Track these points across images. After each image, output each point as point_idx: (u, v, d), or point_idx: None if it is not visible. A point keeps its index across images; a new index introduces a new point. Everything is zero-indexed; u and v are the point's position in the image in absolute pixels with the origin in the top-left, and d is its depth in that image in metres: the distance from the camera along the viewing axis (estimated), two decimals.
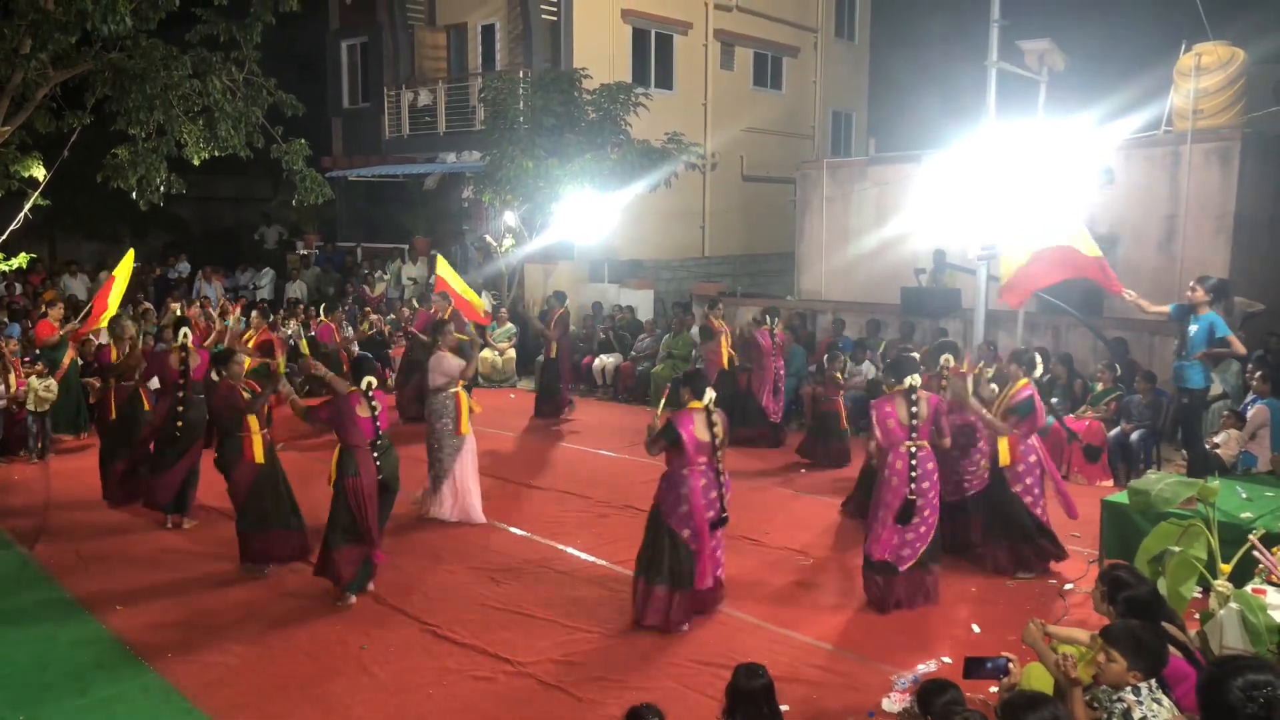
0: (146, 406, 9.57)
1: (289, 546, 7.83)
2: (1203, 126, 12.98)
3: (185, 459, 8.76)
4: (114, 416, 9.58)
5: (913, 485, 6.71)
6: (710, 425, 6.56)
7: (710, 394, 6.64)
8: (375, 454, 7.09)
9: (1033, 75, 12.12)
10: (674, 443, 6.52)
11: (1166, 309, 8.77)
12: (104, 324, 10.92)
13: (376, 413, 7.08)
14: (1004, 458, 7.58)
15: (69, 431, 12.10)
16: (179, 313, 14.08)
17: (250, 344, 12.20)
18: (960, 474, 7.95)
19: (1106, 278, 8.82)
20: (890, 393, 6.93)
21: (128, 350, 9.59)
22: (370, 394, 7.07)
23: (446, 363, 9.00)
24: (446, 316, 13.02)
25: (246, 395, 7.73)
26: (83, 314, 12.09)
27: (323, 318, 15.18)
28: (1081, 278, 9.17)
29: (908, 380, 6.75)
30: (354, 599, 7.08)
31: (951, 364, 8.18)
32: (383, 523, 7.34)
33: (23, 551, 8.25)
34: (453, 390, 8.93)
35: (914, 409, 6.71)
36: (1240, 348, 8.23)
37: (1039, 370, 7.76)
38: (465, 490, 8.97)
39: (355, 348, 14.56)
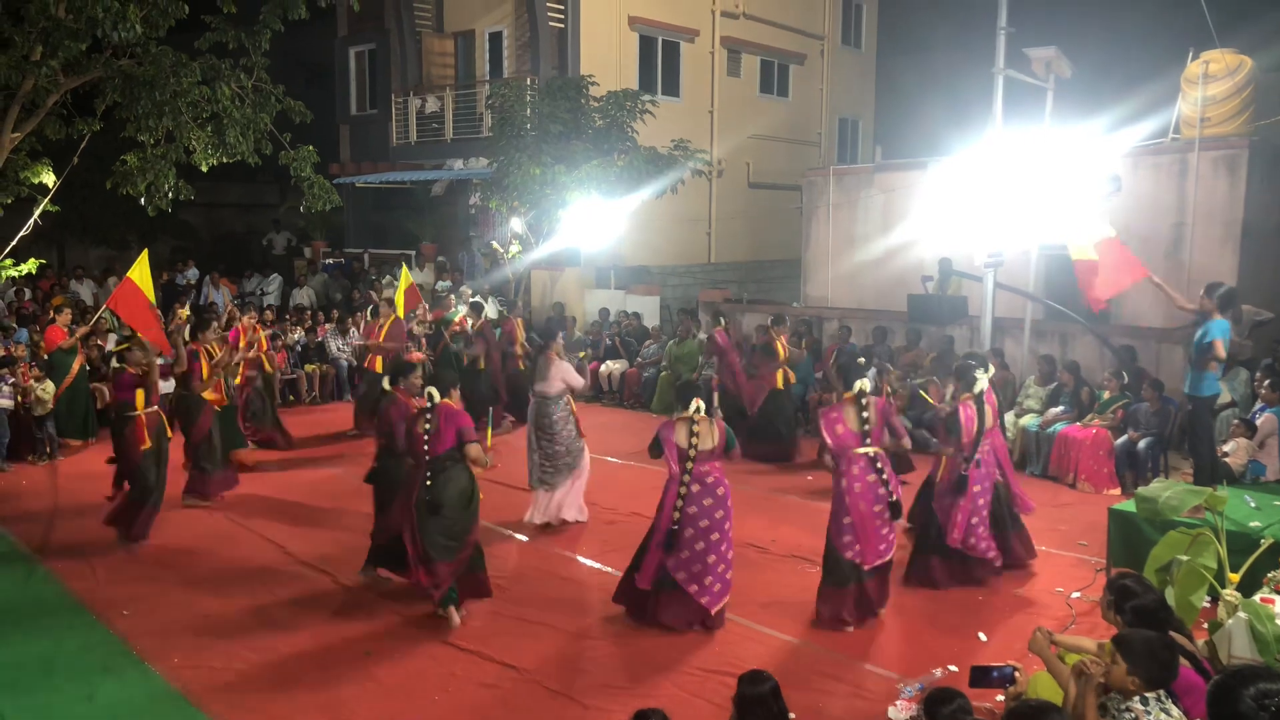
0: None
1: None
2: (1210, 134, 12.96)
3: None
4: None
5: (887, 487, 6.68)
6: (691, 434, 6.62)
7: (696, 404, 6.73)
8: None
9: (1039, 83, 12.12)
10: (658, 452, 6.75)
11: (1193, 308, 8.69)
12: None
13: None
14: (939, 472, 7.67)
15: (77, 436, 12.12)
16: (186, 318, 14.10)
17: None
18: None
19: (1134, 267, 8.97)
20: (839, 401, 6.94)
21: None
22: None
23: (569, 370, 9.19)
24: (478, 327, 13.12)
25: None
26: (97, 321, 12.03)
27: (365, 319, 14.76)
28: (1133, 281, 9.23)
29: (857, 386, 6.76)
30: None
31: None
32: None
33: (30, 555, 8.27)
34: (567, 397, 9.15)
35: (865, 414, 6.72)
36: (1220, 353, 8.18)
37: (980, 385, 7.48)
38: (577, 491, 9.16)
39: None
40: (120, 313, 11.37)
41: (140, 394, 8.51)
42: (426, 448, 6.68)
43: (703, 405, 6.80)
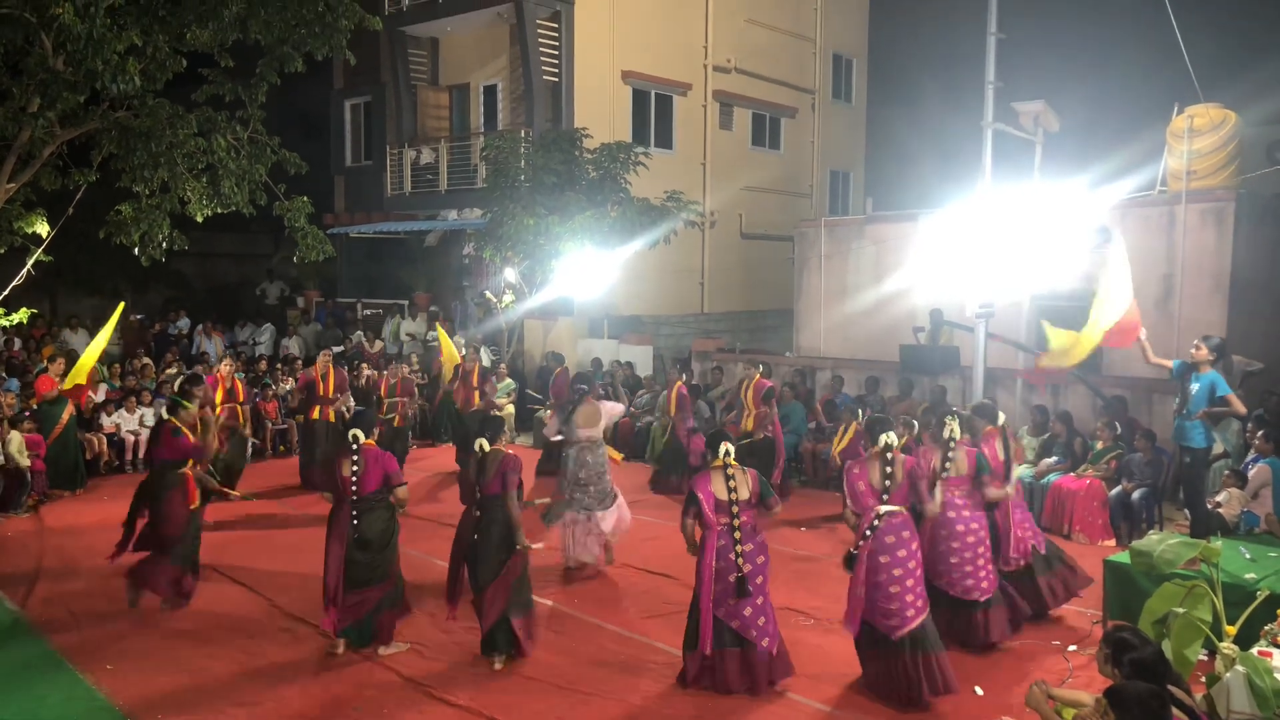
0: None
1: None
2: (1197, 187, 13.10)
3: None
4: None
5: (867, 536, 6.34)
6: (728, 482, 6.47)
7: (726, 449, 6.56)
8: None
9: (1028, 136, 12.28)
10: (696, 509, 6.48)
11: (1169, 364, 8.78)
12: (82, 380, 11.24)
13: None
14: None
15: (66, 487, 12.02)
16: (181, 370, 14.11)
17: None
18: None
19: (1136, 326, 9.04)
20: (865, 455, 6.68)
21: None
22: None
23: (612, 406, 9.80)
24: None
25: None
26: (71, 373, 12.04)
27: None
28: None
29: (883, 440, 6.49)
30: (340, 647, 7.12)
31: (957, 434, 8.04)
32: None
33: (13, 608, 8.15)
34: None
35: (889, 470, 6.44)
36: (1240, 407, 8.22)
37: (948, 432, 7.35)
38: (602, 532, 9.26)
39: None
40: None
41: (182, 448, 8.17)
42: (355, 488, 6.99)
43: (733, 450, 6.62)
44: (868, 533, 6.39)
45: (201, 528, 8.47)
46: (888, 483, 6.40)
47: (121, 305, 11.54)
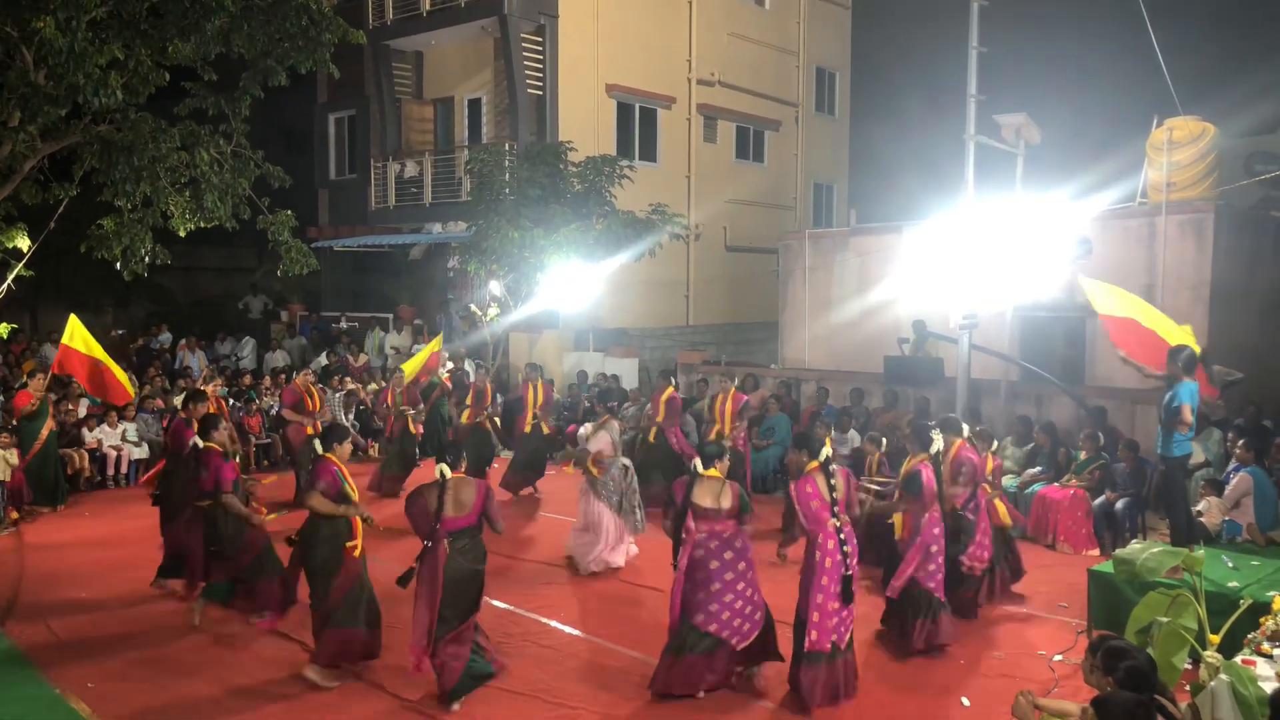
0: None
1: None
2: (1176, 199, 13.21)
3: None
4: None
5: (847, 562, 6.43)
6: (830, 481, 6.50)
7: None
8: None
9: (1010, 148, 12.37)
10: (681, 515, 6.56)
11: (1161, 374, 8.81)
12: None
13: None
14: (897, 530, 7.64)
15: (46, 504, 11.90)
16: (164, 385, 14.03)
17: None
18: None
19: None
20: (807, 471, 6.63)
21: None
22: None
23: (613, 434, 10.00)
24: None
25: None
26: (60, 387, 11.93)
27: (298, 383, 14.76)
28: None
29: (823, 453, 6.58)
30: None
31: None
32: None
33: None
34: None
35: (833, 482, 6.51)
36: (1188, 417, 8.24)
37: (936, 446, 7.59)
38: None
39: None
40: (72, 374, 11.33)
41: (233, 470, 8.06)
42: None
43: (727, 465, 6.73)
44: (844, 552, 6.44)
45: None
46: (834, 494, 6.49)
47: (72, 316, 11.45)
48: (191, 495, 8.30)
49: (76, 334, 11.25)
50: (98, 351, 11.34)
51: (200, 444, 8.15)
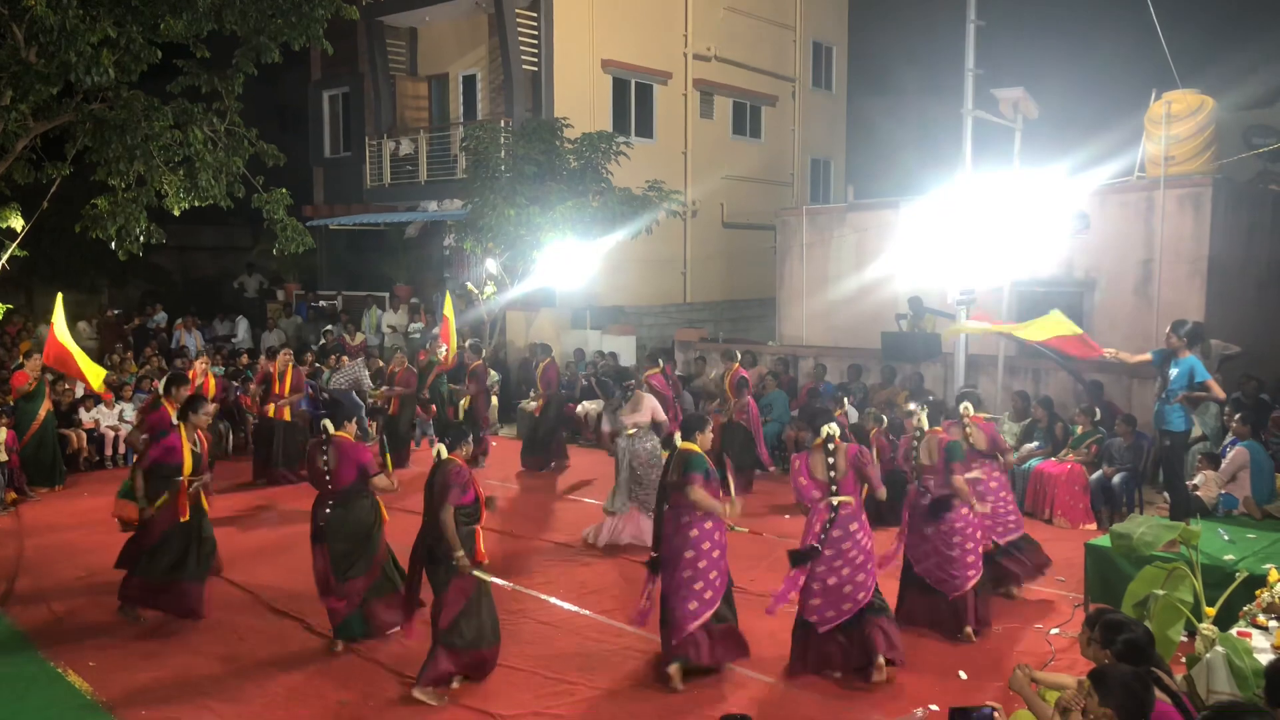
0: None
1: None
2: (1175, 173, 13.18)
3: None
4: None
5: (822, 536, 6.43)
6: (828, 460, 6.51)
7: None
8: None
9: (1008, 123, 12.32)
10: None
11: (1148, 357, 8.86)
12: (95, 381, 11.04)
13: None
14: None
15: (43, 484, 11.91)
16: (160, 365, 14.00)
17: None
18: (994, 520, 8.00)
19: (1090, 348, 9.07)
20: (810, 448, 6.69)
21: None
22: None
23: (656, 404, 10.10)
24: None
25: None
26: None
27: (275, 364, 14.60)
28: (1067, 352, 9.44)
29: (824, 431, 6.58)
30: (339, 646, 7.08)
31: (971, 413, 8.13)
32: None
33: None
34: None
35: (831, 461, 6.53)
36: (1219, 391, 8.28)
37: (916, 422, 7.67)
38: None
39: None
40: (53, 365, 11.30)
41: (188, 456, 7.68)
42: (329, 481, 7.04)
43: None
44: (824, 527, 6.46)
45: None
46: (833, 474, 6.48)
47: (59, 296, 11.42)
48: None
49: (58, 320, 11.25)
50: (69, 342, 11.31)
51: (174, 421, 7.97)
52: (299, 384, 12.91)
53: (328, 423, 7.16)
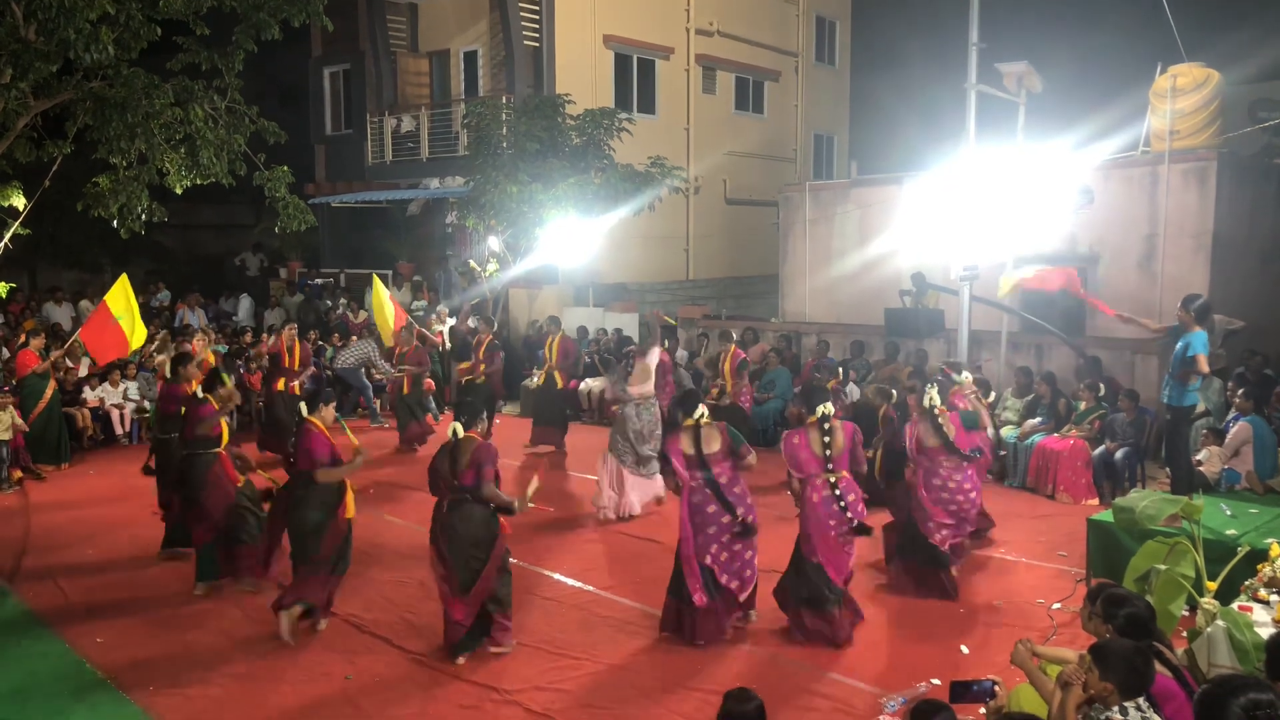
0: None
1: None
2: (1179, 147, 13.10)
3: None
4: None
5: (849, 515, 6.60)
6: (697, 439, 6.68)
7: (700, 410, 6.79)
8: None
9: (1011, 97, 12.24)
10: (668, 467, 6.89)
11: (1165, 328, 8.86)
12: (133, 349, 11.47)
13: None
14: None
15: (50, 462, 11.96)
16: (170, 342, 14.02)
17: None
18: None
19: (1075, 283, 9.33)
20: (805, 425, 6.88)
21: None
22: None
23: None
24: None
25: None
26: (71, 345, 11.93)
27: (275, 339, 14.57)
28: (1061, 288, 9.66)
29: (820, 410, 6.74)
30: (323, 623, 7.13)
31: (939, 404, 8.14)
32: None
33: (1, 583, 8.13)
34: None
35: (827, 439, 6.68)
36: (1204, 367, 8.27)
37: (928, 400, 7.84)
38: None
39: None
40: (89, 343, 11.35)
41: (225, 428, 8.12)
42: (293, 462, 7.05)
43: (706, 411, 6.86)
44: (840, 503, 6.64)
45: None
46: (828, 451, 6.65)
47: (124, 276, 11.58)
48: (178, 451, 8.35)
49: (120, 294, 11.48)
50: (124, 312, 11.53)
51: (199, 394, 8.17)
52: (306, 358, 13.02)
53: (303, 405, 7.15)
